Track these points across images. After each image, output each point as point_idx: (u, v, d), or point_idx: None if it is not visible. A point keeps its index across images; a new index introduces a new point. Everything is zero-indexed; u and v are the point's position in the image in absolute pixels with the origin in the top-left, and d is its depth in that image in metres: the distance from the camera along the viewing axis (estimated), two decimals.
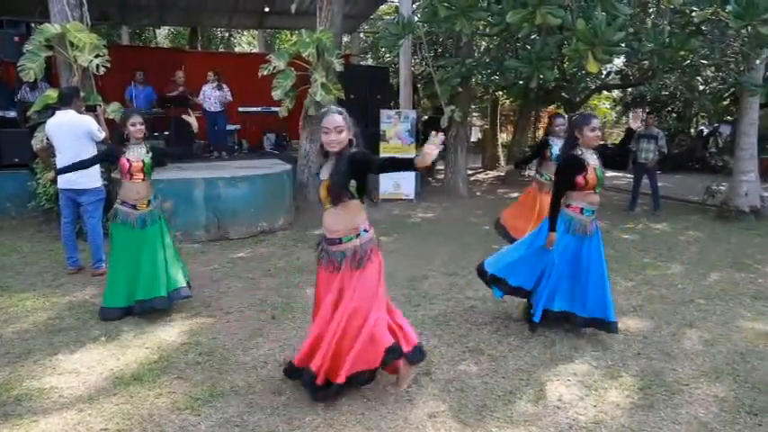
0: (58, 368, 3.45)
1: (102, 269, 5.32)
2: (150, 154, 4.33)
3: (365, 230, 2.96)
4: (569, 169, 3.73)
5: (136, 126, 4.25)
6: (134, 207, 4.27)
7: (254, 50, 21.96)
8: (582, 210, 3.79)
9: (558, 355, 3.71)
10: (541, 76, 7.11)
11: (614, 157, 13.79)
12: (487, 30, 8.43)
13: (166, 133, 9.82)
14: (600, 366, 3.54)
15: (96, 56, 7.27)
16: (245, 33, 21.68)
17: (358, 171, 2.83)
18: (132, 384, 3.21)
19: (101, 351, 3.69)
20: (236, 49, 22.24)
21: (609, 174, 14.38)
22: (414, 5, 10.36)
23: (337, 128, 2.80)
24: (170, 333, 4.00)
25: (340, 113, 2.85)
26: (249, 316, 4.37)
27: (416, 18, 9.55)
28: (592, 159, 3.72)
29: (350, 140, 2.86)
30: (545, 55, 7.04)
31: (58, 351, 3.69)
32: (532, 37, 8.26)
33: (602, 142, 20.77)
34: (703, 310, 4.58)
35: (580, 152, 3.71)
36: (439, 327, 4.18)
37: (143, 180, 4.32)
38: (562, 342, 3.91)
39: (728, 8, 5.69)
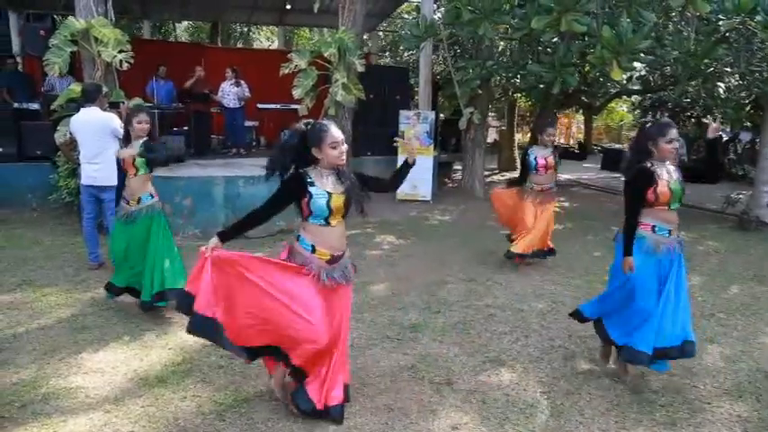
0: (83, 367, 3.50)
1: None
2: (141, 150, 4.37)
3: None
4: (637, 183, 3.33)
5: (141, 123, 4.37)
6: (128, 202, 4.41)
7: (273, 46, 22.04)
8: (654, 227, 3.36)
9: (579, 369, 3.71)
10: (563, 82, 7.07)
11: None
12: (509, 33, 8.38)
13: (185, 128, 9.90)
14: (621, 381, 3.52)
15: (120, 51, 7.34)
16: (264, 29, 21.73)
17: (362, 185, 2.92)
18: (157, 386, 3.26)
19: (124, 351, 3.75)
20: (255, 45, 22.32)
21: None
22: (435, 6, 10.31)
23: (343, 141, 2.76)
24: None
25: (336, 126, 2.82)
26: None
27: (438, 18, 9.51)
28: (665, 172, 3.31)
29: None
30: (567, 61, 6.99)
31: (83, 349, 3.75)
32: (554, 40, 8.21)
33: (618, 146, 20.43)
34: (724, 325, 4.54)
35: (650, 164, 3.29)
36: (459, 335, 4.18)
37: (135, 175, 4.41)
38: (582, 355, 3.91)
39: (757, 18, 5.63)
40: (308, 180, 2.73)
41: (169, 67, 9.99)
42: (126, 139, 4.54)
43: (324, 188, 2.74)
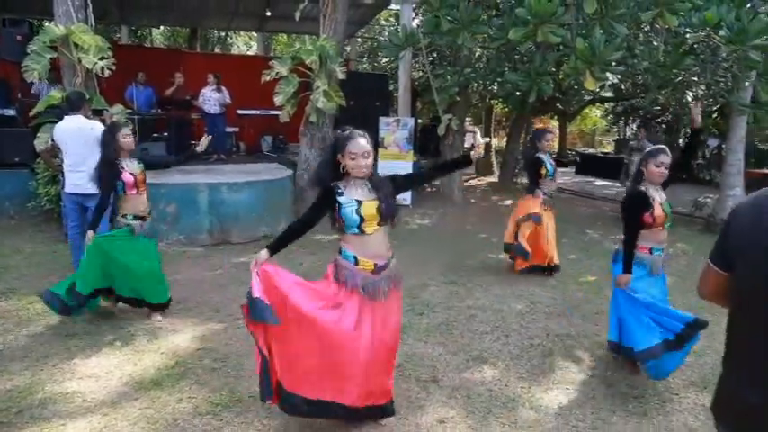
0: (77, 372, 3.56)
1: None
2: (142, 165, 4.40)
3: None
4: (635, 207, 3.51)
5: (127, 138, 4.24)
6: (143, 219, 4.39)
7: (251, 52, 22.04)
8: (651, 249, 3.58)
9: (556, 365, 3.90)
10: (539, 90, 7.31)
11: (607, 167, 14.11)
12: (486, 43, 8.62)
13: (166, 135, 9.90)
14: (596, 375, 3.74)
15: (101, 58, 7.35)
16: (242, 34, 21.73)
17: (397, 192, 2.91)
18: (153, 389, 3.35)
19: (117, 356, 3.81)
20: (233, 50, 22.30)
21: (600, 183, 14.83)
22: (414, 15, 10.52)
23: (365, 153, 2.71)
24: (183, 338, 4.13)
25: (363, 137, 2.74)
26: None
27: (416, 26, 9.71)
28: (658, 195, 3.52)
29: None
30: (543, 70, 7.24)
31: (75, 355, 3.80)
32: (529, 49, 8.47)
33: (591, 150, 20.89)
34: None
35: (644, 188, 3.50)
36: (443, 335, 4.35)
37: (144, 192, 4.42)
38: (560, 352, 4.11)
39: (721, 33, 5.94)
40: (338, 191, 2.75)
41: (148, 72, 10.00)
42: (106, 156, 4.25)
43: (352, 197, 2.74)
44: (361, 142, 2.71)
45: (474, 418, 3.16)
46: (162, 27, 19.69)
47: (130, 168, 4.28)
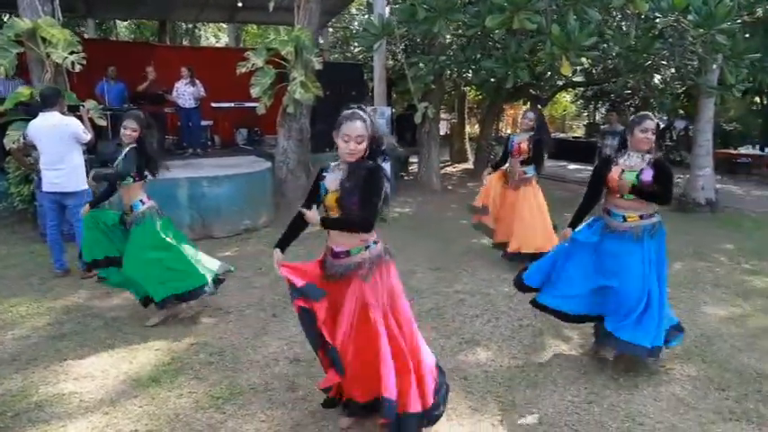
0: (71, 373, 3.51)
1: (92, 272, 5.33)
2: None
3: (375, 242, 2.74)
4: (597, 169, 3.63)
5: (128, 129, 4.13)
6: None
7: (221, 43, 21.65)
8: (609, 212, 3.57)
9: (547, 344, 4.01)
10: (516, 76, 7.41)
11: (580, 151, 14.37)
12: (460, 31, 8.67)
13: None
14: (586, 353, 3.85)
15: (71, 52, 7.16)
16: (211, 26, 21.31)
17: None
18: (151, 386, 3.33)
19: (110, 355, 3.77)
20: (202, 42, 21.88)
21: (573, 166, 15.08)
22: (386, 4, 10.49)
23: (358, 137, 2.54)
24: (175, 334, 4.10)
25: (363, 120, 2.56)
26: (250, 315, 4.50)
27: (389, 15, 9.69)
28: (630, 162, 3.45)
29: (368, 149, 2.62)
30: (519, 56, 7.34)
31: (67, 356, 3.75)
32: (503, 38, 8.55)
33: (562, 135, 21.22)
34: (671, 298, 4.89)
35: (624, 154, 3.50)
36: (434, 320, 4.42)
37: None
38: (549, 331, 4.22)
39: (689, 17, 6.11)
40: (323, 174, 2.74)
41: (117, 67, 9.75)
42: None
43: (327, 184, 2.68)
44: (357, 125, 2.55)
45: (473, 398, 3.24)
46: (128, 20, 19.22)
47: None
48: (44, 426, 2.94)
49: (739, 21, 6.89)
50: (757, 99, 15.64)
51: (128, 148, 4.14)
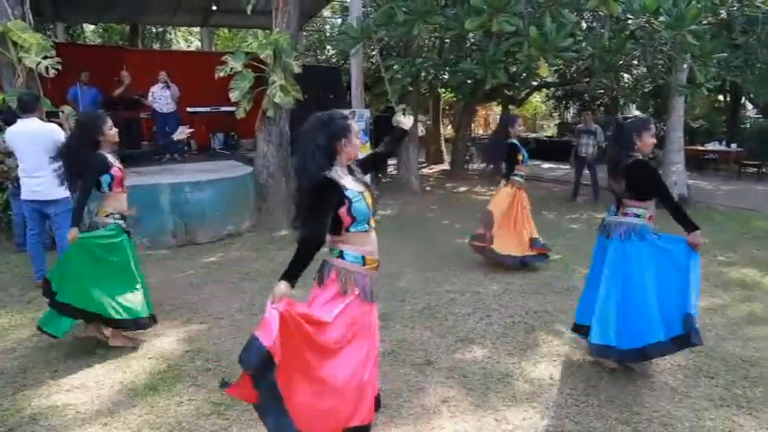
0: (63, 384, 3.43)
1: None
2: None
3: None
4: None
5: (113, 130, 3.93)
6: (124, 218, 4.16)
7: (192, 47, 21.36)
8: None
9: (540, 340, 4.09)
10: (494, 77, 7.51)
11: (554, 150, 14.63)
12: (437, 33, 8.74)
13: None
14: (579, 347, 3.93)
15: (45, 57, 6.99)
16: (182, 29, 21.00)
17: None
18: (149, 395, 3.27)
19: (103, 365, 3.69)
20: (174, 46, 21.54)
21: (547, 165, 15.36)
22: (363, 7, 10.51)
23: (357, 133, 2.46)
24: (168, 342, 4.04)
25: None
26: (242, 320, 4.46)
27: (367, 18, 9.72)
28: None
29: None
30: (497, 58, 7.44)
31: (57, 367, 3.66)
32: (479, 40, 8.67)
33: (534, 135, 21.60)
34: None
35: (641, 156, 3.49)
36: (427, 320, 4.45)
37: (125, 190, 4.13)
38: (541, 327, 4.30)
39: (660, 18, 6.29)
40: (338, 183, 2.35)
41: (89, 71, 9.53)
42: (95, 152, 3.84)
43: (353, 188, 2.39)
44: (355, 125, 2.48)
45: (474, 395, 3.28)
46: (97, 24, 18.80)
47: (116, 163, 3.95)
48: None
49: (705, 22, 7.14)
50: (721, 97, 16.21)
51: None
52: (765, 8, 7.43)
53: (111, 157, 3.92)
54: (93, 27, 19.50)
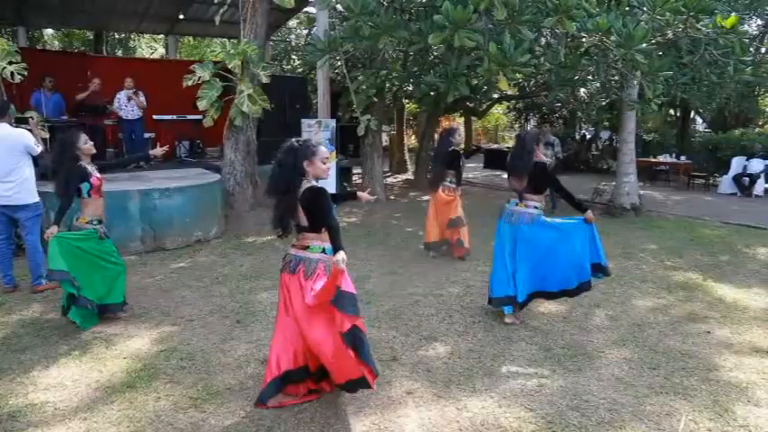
0: (39, 384, 3.50)
1: (43, 285, 5.25)
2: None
3: None
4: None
5: (88, 143, 4.42)
6: (101, 222, 4.39)
7: (156, 54, 21.15)
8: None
9: (499, 337, 4.36)
10: (456, 90, 7.86)
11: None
12: (402, 47, 9.06)
13: None
14: (534, 343, 4.23)
15: (10, 62, 6.96)
16: (146, 36, 20.79)
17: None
18: (127, 392, 3.38)
19: (78, 365, 3.77)
20: (137, 53, 21.28)
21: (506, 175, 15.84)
22: (330, 20, 10.76)
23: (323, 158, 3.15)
24: (142, 343, 4.14)
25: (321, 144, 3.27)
26: (213, 322, 4.59)
27: (333, 31, 9.95)
28: None
29: None
30: (459, 72, 7.79)
31: (32, 368, 3.72)
32: (442, 54, 9.01)
33: (496, 146, 22.14)
34: (605, 293, 5.47)
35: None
36: (393, 320, 4.68)
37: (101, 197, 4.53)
38: (500, 326, 4.57)
39: (612, 37, 6.75)
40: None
41: (55, 78, 9.45)
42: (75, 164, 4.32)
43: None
44: (323, 149, 3.17)
45: (437, 387, 3.51)
46: (59, 29, 18.46)
47: (95, 172, 4.40)
48: None
49: (653, 42, 7.65)
50: (672, 112, 17.07)
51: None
52: (707, 30, 8.02)
53: (90, 167, 4.36)
54: (51, 31, 19.14)
